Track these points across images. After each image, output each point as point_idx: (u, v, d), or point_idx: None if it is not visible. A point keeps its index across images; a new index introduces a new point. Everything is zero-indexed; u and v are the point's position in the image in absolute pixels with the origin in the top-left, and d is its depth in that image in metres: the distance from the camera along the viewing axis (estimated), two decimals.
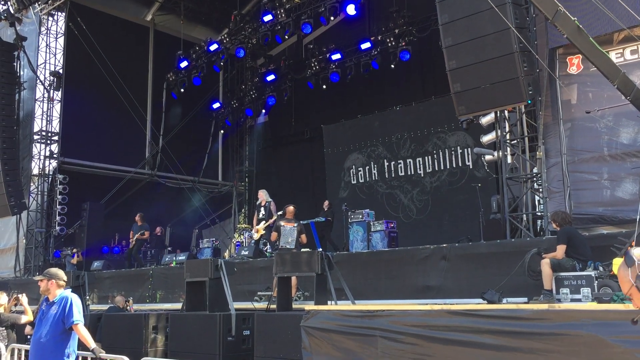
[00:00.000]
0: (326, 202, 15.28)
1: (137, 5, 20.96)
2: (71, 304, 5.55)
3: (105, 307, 12.41)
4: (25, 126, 18.07)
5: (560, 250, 7.66)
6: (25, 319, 7.99)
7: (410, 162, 17.41)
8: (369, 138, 18.39)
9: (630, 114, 8.26)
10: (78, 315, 5.56)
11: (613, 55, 9.09)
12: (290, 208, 11.10)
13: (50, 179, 17.93)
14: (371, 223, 13.63)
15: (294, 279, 9.76)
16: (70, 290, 6.05)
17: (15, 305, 9.18)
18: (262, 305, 10.07)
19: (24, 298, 8.17)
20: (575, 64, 9.50)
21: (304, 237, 10.83)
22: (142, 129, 20.01)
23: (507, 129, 10.61)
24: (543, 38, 9.66)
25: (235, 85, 22.76)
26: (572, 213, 9.15)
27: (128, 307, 11.78)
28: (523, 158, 10.42)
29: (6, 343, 7.86)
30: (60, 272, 5.86)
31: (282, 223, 10.83)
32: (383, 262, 10.49)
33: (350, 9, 16.57)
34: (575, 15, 8.39)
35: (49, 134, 18.18)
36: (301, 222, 11.60)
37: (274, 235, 11.07)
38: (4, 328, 8.00)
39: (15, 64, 17.73)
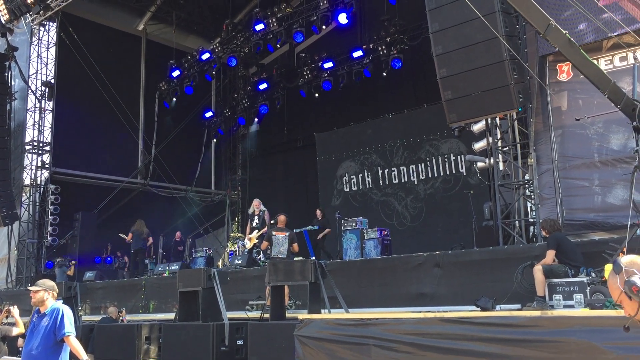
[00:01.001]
0: (318, 212, 15.26)
1: (129, 15, 20.96)
2: (62, 316, 5.51)
3: (98, 317, 12.35)
4: (16, 136, 18.00)
5: (550, 255, 7.69)
6: (16, 331, 7.92)
7: (403, 169, 17.44)
8: (362, 146, 18.42)
9: (620, 121, 8.31)
10: (69, 327, 5.52)
11: (602, 63, 9.16)
12: (282, 217, 11.11)
13: (42, 189, 17.85)
14: (364, 231, 13.60)
15: (286, 288, 9.73)
16: (61, 301, 6.01)
17: (7, 317, 9.11)
18: (255, 314, 10.05)
19: (15, 310, 8.09)
20: (565, 71, 9.56)
21: (295, 246, 10.84)
22: (134, 138, 19.99)
23: (498, 136, 10.65)
24: (533, 46, 9.72)
25: (227, 94, 22.78)
26: (564, 219, 9.19)
27: (121, 318, 11.71)
28: (515, 165, 10.45)
29: None
30: (54, 284, 5.84)
31: (273, 232, 10.85)
32: (376, 270, 10.49)
33: (342, 18, 16.63)
34: (564, 22, 8.48)
35: (41, 144, 18.13)
36: (294, 230, 11.59)
37: (264, 244, 11.09)
38: None
39: (6, 74, 17.67)
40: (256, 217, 13.37)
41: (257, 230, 13.09)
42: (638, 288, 2.30)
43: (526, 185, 10.30)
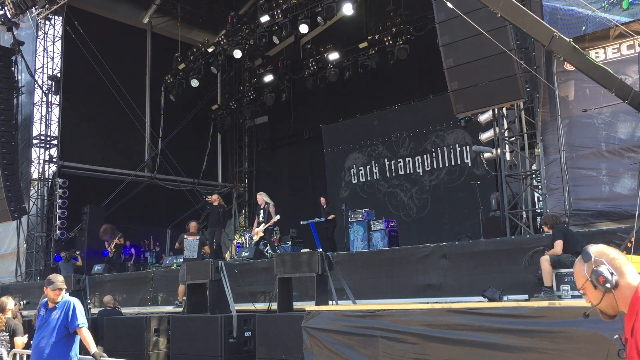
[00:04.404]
0: (323, 200, 15.27)
1: (134, 8, 20.97)
2: (74, 308, 5.60)
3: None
4: (24, 131, 18.07)
5: (558, 245, 7.69)
6: (21, 340, 7.75)
7: (409, 160, 17.41)
8: (369, 137, 18.39)
9: (627, 109, 8.26)
10: (82, 319, 5.63)
11: (610, 51, 9.11)
12: (193, 223, 12.73)
13: (49, 183, 17.93)
14: (371, 222, 13.63)
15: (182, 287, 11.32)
16: (68, 294, 6.06)
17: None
18: (263, 306, 10.09)
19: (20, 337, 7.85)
20: None
21: (206, 248, 12.30)
22: (141, 131, 20.03)
23: (505, 127, 10.62)
24: None
25: (233, 87, 22.77)
26: (572, 209, 9.17)
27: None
28: (522, 155, 10.42)
29: (8, 348, 7.83)
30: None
31: (185, 236, 12.20)
32: (383, 262, 10.49)
33: (347, 9, 16.56)
34: (571, 12, 8.42)
35: (48, 138, 18.18)
36: (301, 222, 11.70)
37: (177, 245, 12.57)
38: (7, 334, 7.97)
39: (13, 68, 17.74)
40: (261, 211, 13.41)
41: (263, 224, 13.17)
42: (605, 279, 2.34)
43: (533, 176, 10.27)
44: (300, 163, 21.15)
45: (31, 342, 5.87)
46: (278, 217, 12.98)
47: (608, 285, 2.34)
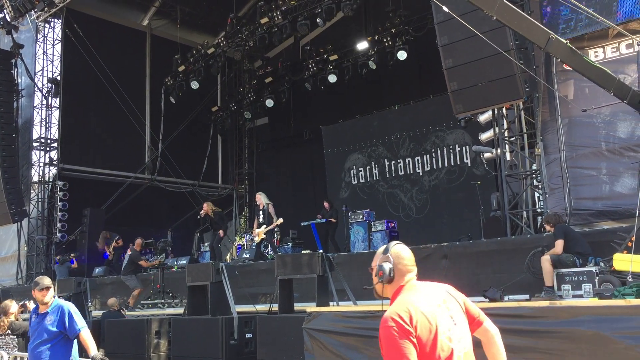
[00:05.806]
0: (326, 204, 15.26)
1: (133, 11, 20.97)
2: (70, 313, 5.50)
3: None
4: (24, 134, 18.07)
5: (559, 245, 7.69)
6: None
7: (409, 161, 17.40)
8: (369, 138, 18.39)
9: (627, 108, 8.26)
10: (81, 322, 5.55)
11: (609, 50, 9.11)
12: (138, 240, 13.81)
13: (50, 185, 17.93)
14: (372, 223, 13.63)
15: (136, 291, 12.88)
16: (60, 297, 6.03)
17: (22, 312, 9.17)
18: (264, 307, 10.09)
19: (32, 305, 8.09)
20: None
21: (142, 262, 13.42)
22: (141, 133, 20.03)
23: (505, 126, 10.62)
24: None
25: (233, 88, 22.78)
26: (572, 208, 9.16)
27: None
28: (522, 155, 10.42)
29: (15, 351, 7.84)
30: None
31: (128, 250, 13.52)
32: None
33: (347, 10, 16.53)
34: (569, 11, 8.42)
35: (48, 141, 18.20)
36: (302, 223, 11.58)
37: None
38: (14, 336, 7.99)
39: (12, 71, 17.75)
40: (261, 212, 13.39)
41: (264, 226, 13.13)
42: (382, 273, 2.88)
43: (533, 175, 10.26)
44: (301, 164, 21.15)
45: None
46: (281, 220, 12.97)
47: (382, 278, 2.88)
